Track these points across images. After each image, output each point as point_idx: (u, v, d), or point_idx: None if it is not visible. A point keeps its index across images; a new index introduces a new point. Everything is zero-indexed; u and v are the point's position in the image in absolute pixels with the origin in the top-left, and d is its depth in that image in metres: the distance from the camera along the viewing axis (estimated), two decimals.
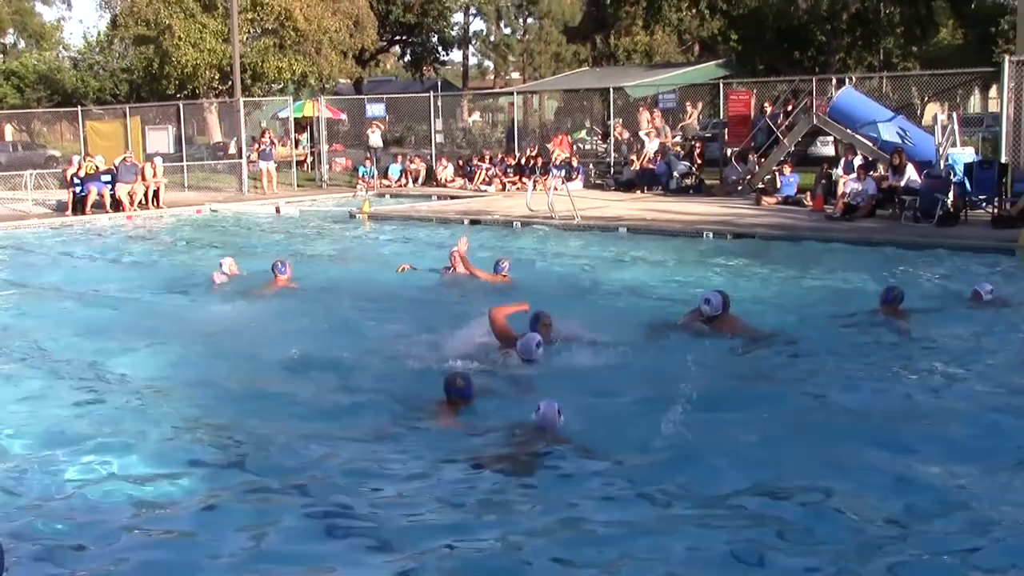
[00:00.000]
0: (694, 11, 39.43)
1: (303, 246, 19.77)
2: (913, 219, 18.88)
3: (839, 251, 16.66)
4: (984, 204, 18.93)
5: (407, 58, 57.64)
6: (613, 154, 30.21)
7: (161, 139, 34.35)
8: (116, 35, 45.93)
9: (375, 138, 34.00)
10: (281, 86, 41.96)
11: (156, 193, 25.99)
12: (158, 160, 27.39)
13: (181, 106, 34.91)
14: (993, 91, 34.41)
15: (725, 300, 10.60)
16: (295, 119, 37.08)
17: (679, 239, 18.50)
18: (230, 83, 35.01)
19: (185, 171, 32.29)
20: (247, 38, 38.86)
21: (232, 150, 34.45)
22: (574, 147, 32.47)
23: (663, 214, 21.19)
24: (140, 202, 25.48)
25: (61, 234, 22.53)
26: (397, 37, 55.43)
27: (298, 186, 32.15)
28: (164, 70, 39.08)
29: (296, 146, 35.59)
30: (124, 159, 26.21)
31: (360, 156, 34.44)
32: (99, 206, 25.10)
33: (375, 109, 34.98)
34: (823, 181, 22.07)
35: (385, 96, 37.67)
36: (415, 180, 31.88)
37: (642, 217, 20.87)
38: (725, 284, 13.35)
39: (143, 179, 25.77)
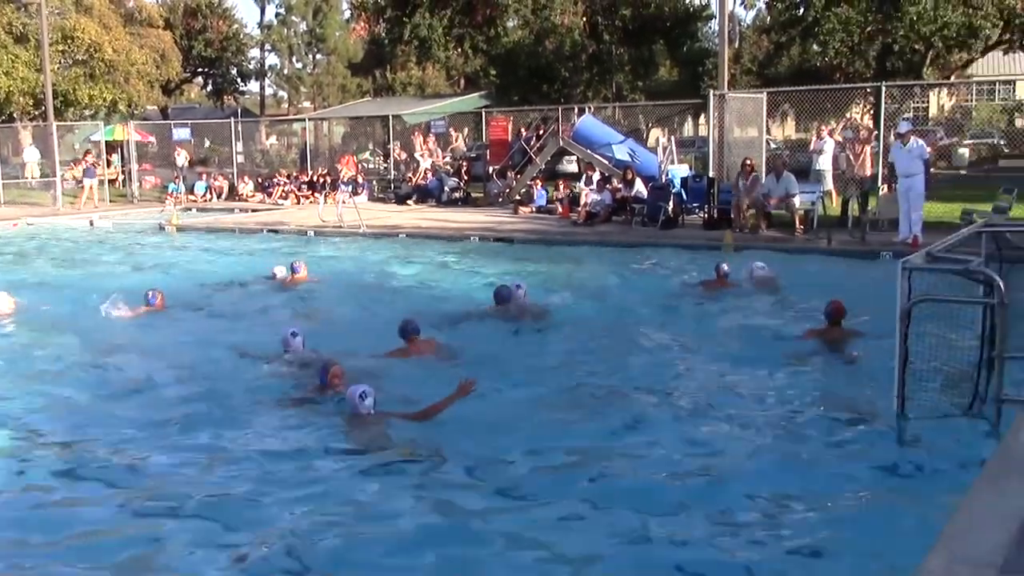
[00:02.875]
0: (459, 51, 39.48)
1: (117, 256, 18.76)
2: (642, 223, 19.52)
3: (583, 250, 17.06)
4: (697, 210, 19.80)
5: (209, 88, 55.61)
6: (393, 172, 30.05)
7: None
8: None
9: (180, 159, 32.74)
10: (92, 112, 39.70)
11: None
12: None
13: None
14: (702, 119, 36.06)
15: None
16: (107, 141, 35.18)
17: (451, 243, 18.54)
18: (44, 108, 32.86)
19: (1, 188, 30.12)
20: (59, 68, 36.51)
21: (35, 171, 32.22)
22: (359, 166, 32.12)
23: (437, 222, 21.18)
24: None
25: None
26: (200, 69, 53.45)
27: (111, 201, 30.46)
28: None
29: (108, 166, 33.76)
30: None
31: (168, 174, 33.10)
32: None
33: (181, 133, 33.77)
34: (568, 193, 22.57)
35: (190, 121, 36.27)
36: (219, 195, 30.86)
37: (419, 225, 20.79)
38: (492, 278, 13.48)
39: None
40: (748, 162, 18.32)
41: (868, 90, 24.69)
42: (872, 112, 24.02)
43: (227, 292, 13.57)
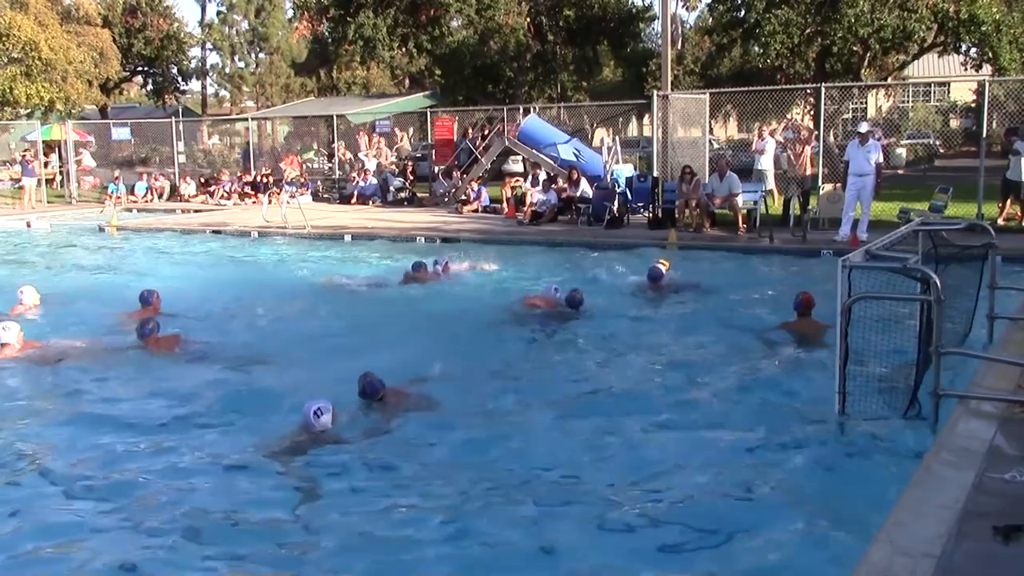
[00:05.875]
0: (403, 50, 39.35)
1: (58, 257, 18.39)
2: (587, 223, 19.65)
3: (529, 250, 17.10)
4: (641, 209, 19.97)
5: (149, 87, 54.58)
6: (337, 172, 29.87)
7: None
8: None
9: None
10: (29, 111, 38.83)
11: None
12: None
13: None
14: (646, 119, 36.30)
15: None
16: (44, 141, 34.45)
17: (396, 243, 18.47)
18: None
19: None
20: None
21: None
22: (303, 166, 31.89)
23: (382, 222, 21.10)
24: None
25: None
26: (140, 68, 52.49)
27: (48, 202, 29.87)
28: None
29: (45, 166, 33.09)
30: None
31: (108, 175, 32.53)
32: None
33: (121, 133, 33.21)
34: (514, 192, 22.63)
35: (130, 121, 35.70)
36: (160, 196, 30.45)
37: (364, 225, 20.69)
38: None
39: None
40: (687, 169, 18.51)
41: (808, 91, 25.03)
42: (812, 113, 24.38)
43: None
